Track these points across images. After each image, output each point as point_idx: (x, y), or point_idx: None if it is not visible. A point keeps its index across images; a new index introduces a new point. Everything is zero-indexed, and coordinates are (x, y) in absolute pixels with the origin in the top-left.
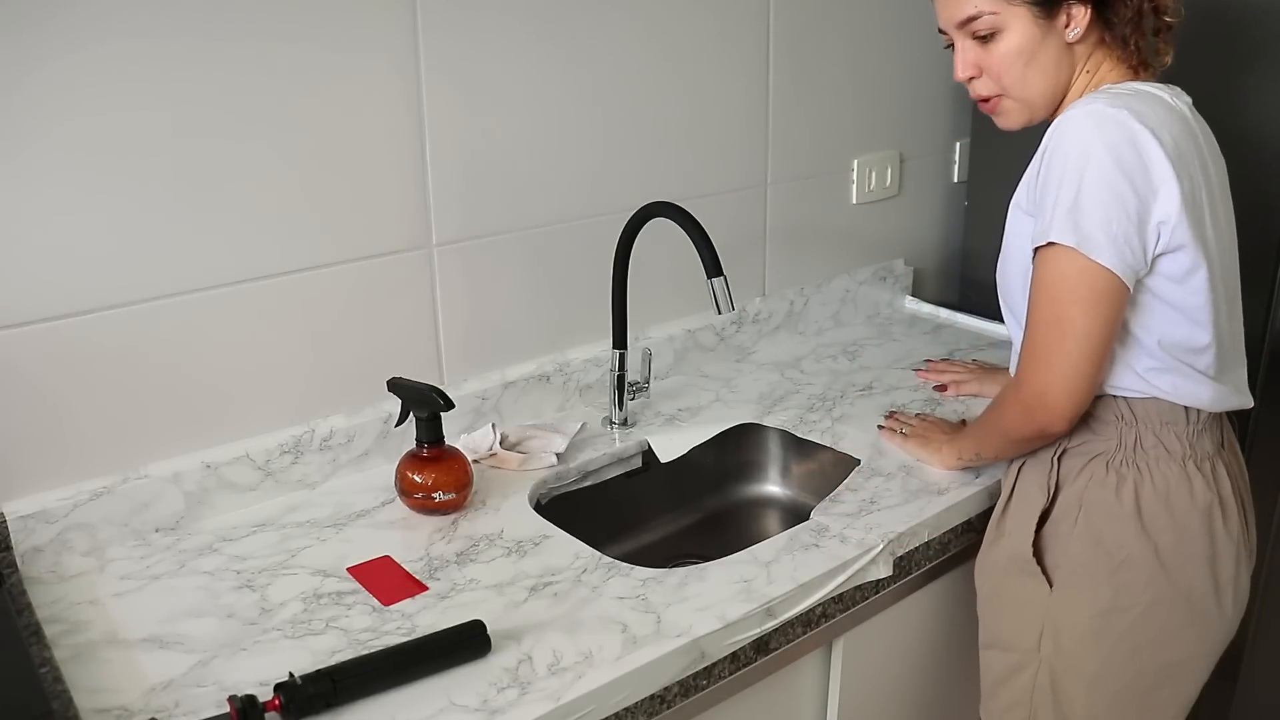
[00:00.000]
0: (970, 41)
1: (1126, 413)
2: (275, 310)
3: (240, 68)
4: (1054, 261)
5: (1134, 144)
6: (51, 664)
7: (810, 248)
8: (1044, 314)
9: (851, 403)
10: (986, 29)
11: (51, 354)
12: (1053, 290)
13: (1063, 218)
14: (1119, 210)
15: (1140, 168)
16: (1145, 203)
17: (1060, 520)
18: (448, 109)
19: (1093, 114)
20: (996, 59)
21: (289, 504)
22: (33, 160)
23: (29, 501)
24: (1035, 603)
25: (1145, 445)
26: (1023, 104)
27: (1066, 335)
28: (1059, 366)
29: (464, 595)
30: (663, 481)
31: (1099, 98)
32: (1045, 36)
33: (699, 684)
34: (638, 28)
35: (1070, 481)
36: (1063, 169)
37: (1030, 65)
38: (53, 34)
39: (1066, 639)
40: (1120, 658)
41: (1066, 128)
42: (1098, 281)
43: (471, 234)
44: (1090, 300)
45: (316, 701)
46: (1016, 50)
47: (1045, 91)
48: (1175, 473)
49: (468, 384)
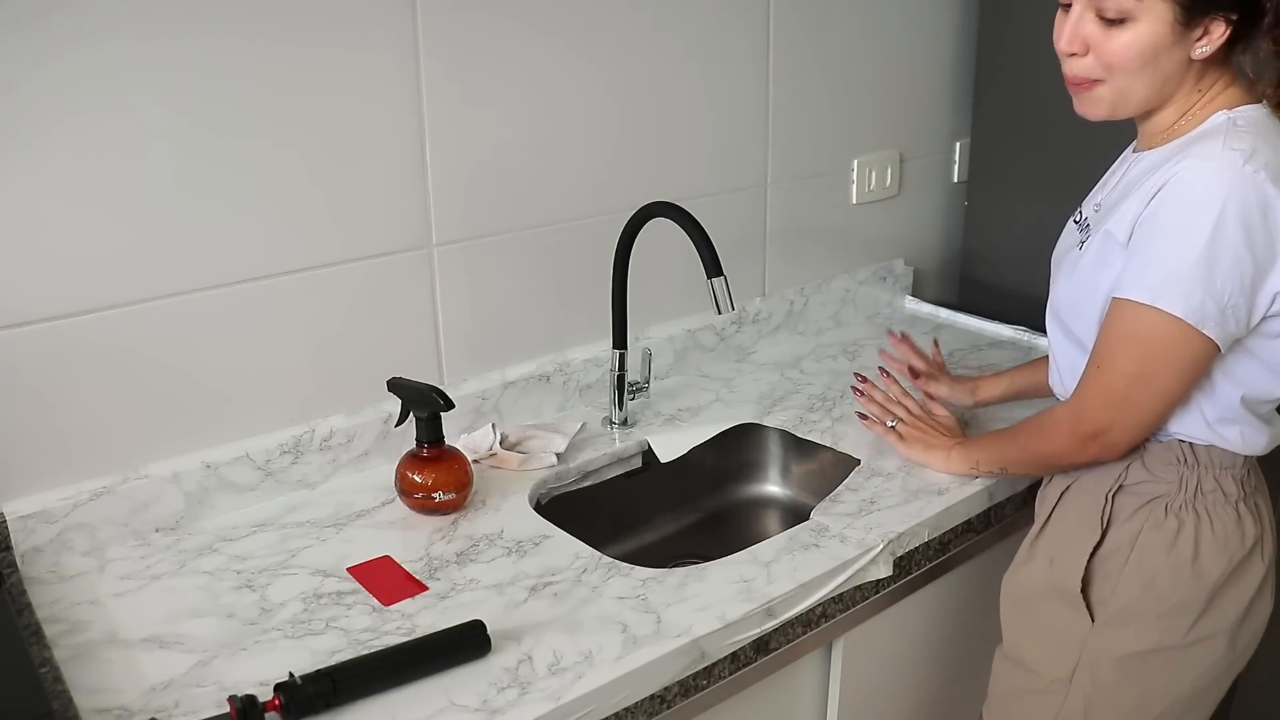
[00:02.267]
0: (1092, 15)
1: (1189, 456)
2: (275, 310)
3: (240, 67)
4: (1151, 322)
5: (1264, 208)
6: (51, 664)
7: (810, 248)
8: (1128, 366)
9: (851, 403)
10: (1117, 13)
11: (52, 354)
12: (1146, 348)
13: (1176, 283)
14: (1237, 283)
15: (1265, 235)
16: (1263, 271)
17: (1109, 558)
18: (448, 109)
19: (1224, 171)
20: (1115, 47)
21: (289, 504)
22: (33, 160)
23: (29, 501)
24: (1074, 634)
25: (1205, 489)
26: (1119, 99)
27: (1148, 391)
28: (1131, 414)
29: (464, 595)
30: (663, 481)
31: (1231, 145)
32: (1175, 44)
33: (699, 684)
34: (638, 28)
35: (1123, 520)
36: (1185, 226)
37: (1148, 67)
38: (52, 34)
39: (1105, 674)
40: (1157, 691)
41: (1195, 180)
42: (1196, 349)
43: (471, 234)
44: (1183, 365)
45: (316, 701)
46: (1140, 47)
47: (1148, 97)
48: (1230, 516)
49: (468, 384)
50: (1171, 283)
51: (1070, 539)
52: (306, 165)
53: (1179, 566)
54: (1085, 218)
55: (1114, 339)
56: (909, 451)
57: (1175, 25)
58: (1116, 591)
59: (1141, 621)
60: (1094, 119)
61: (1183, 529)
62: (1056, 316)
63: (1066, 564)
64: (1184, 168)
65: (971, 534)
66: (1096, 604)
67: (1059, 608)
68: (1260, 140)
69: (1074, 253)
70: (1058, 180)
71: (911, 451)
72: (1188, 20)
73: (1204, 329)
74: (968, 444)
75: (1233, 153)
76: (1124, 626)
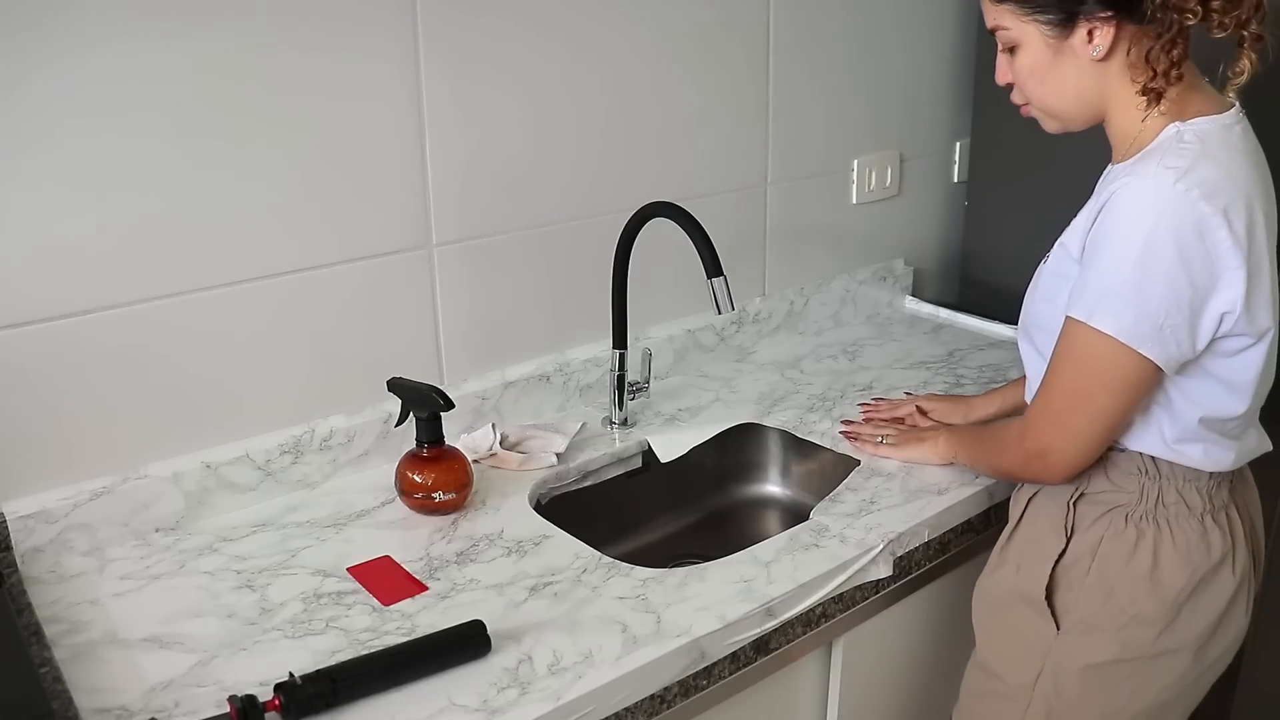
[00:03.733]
0: (1002, 51)
1: (1151, 468)
2: (275, 310)
3: (240, 68)
4: (1088, 340)
5: (1200, 231)
6: (51, 664)
7: (810, 248)
8: (1067, 383)
9: (851, 403)
10: (1007, 44)
11: (52, 354)
12: (1082, 365)
13: (1108, 301)
14: (1172, 303)
15: (1203, 258)
16: (1203, 295)
17: (1072, 566)
18: (448, 109)
19: (1160, 191)
20: (1016, 72)
21: (289, 504)
22: (34, 161)
23: (29, 501)
24: (1039, 641)
25: (1167, 501)
26: (1049, 116)
27: (1085, 410)
28: (1070, 435)
29: (464, 595)
30: (663, 481)
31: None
32: (1060, 55)
33: (699, 684)
34: (638, 28)
35: (1085, 529)
36: (1120, 246)
37: (1046, 84)
38: (54, 36)
39: (1068, 683)
40: (1120, 702)
41: (1129, 199)
42: (1133, 370)
43: (471, 234)
44: (1120, 385)
45: (316, 701)
46: (1030, 68)
47: (1068, 108)
48: (1194, 528)
49: (468, 384)
50: (1105, 301)
51: (1036, 545)
52: (307, 166)
53: (1138, 577)
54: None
55: (1058, 357)
56: (903, 454)
57: (1048, 41)
58: (1079, 601)
59: (1103, 632)
60: (1052, 133)
61: (1142, 539)
62: (1024, 331)
63: (1032, 571)
64: (1121, 186)
65: (971, 534)
66: (1061, 612)
67: (1026, 614)
68: (1201, 157)
69: (1040, 267)
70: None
71: (906, 453)
72: (1058, 33)
73: (1140, 349)
74: (953, 434)
75: (1166, 171)
76: (1086, 636)
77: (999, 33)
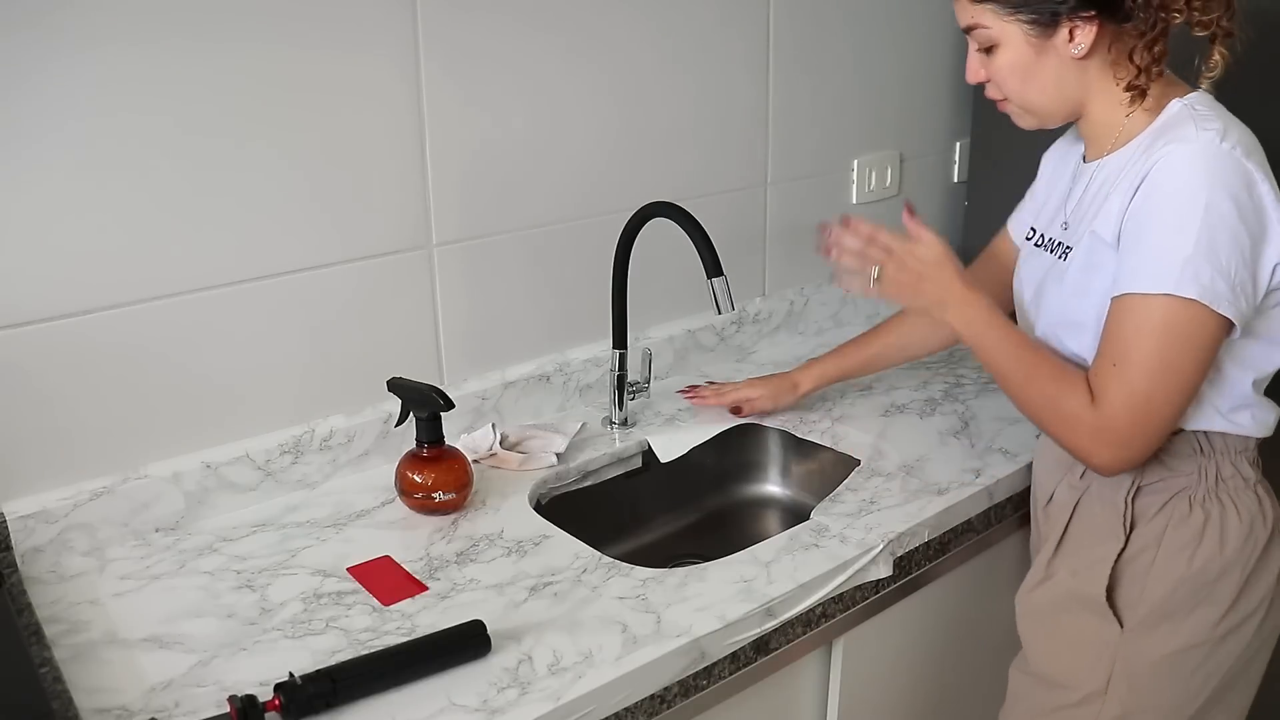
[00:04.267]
0: (976, 48)
1: (1205, 445)
2: (275, 310)
3: (240, 68)
4: (1168, 310)
5: (1248, 184)
6: (51, 664)
7: (810, 248)
8: (1148, 361)
9: (851, 403)
10: (986, 42)
11: (52, 354)
12: (1165, 338)
13: (1181, 267)
14: (1239, 259)
15: (1254, 210)
16: (1259, 248)
17: (1134, 560)
18: (448, 109)
19: (1205, 152)
20: (995, 70)
21: (289, 504)
22: (34, 160)
23: (29, 501)
24: (1103, 644)
25: (1224, 476)
26: (1028, 113)
27: (1172, 385)
28: (1157, 421)
29: (464, 595)
30: (663, 481)
31: (1203, 126)
32: (1041, 54)
33: (699, 684)
34: (638, 28)
35: (1147, 521)
36: (1178, 210)
37: (1027, 81)
38: (53, 36)
39: (1141, 679)
40: (1195, 686)
41: (1179, 164)
42: (1215, 333)
43: (471, 234)
44: (1203, 350)
45: (316, 701)
46: (1011, 66)
47: (1049, 105)
48: (1251, 500)
49: (468, 384)
50: (1178, 267)
51: (1092, 549)
52: (307, 166)
53: (1209, 558)
54: (1051, 238)
55: (1127, 336)
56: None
57: (1030, 40)
58: (1145, 594)
59: (1173, 620)
60: (1030, 128)
61: (1209, 520)
62: (1051, 333)
63: (1090, 574)
64: (1165, 153)
65: (971, 534)
66: (1124, 609)
67: (1085, 619)
68: (1226, 119)
69: (1054, 270)
70: None
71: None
72: (1042, 32)
73: (1219, 308)
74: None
75: (1208, 133)
76: (1155, 628)
77: (976, 31)
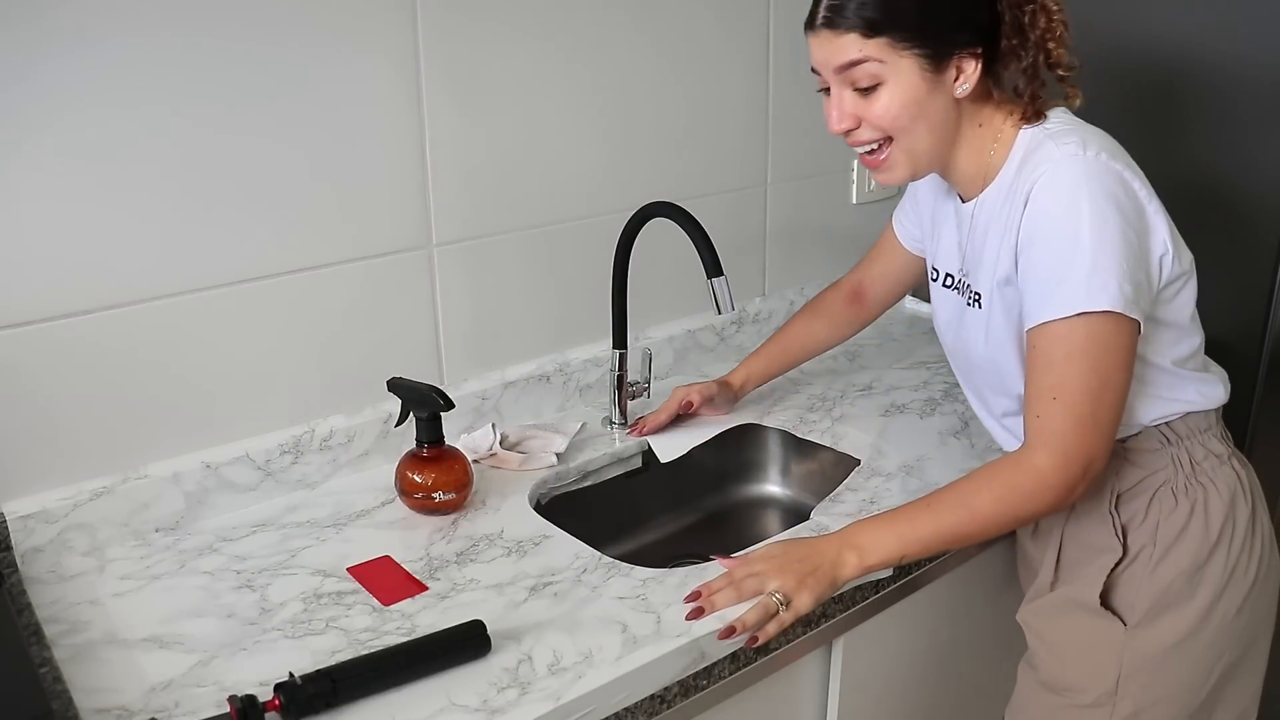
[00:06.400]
0: (849, 90)
1: (1170, 434)
2: (275, 310)
3: (240, 68)
4: (1089, 327)
5: (1122, 184)
6: (51, 664)
7: (810, 248)
8: (1091, 381)
9: (851, 403)
10: (868, 79)
11: (52, 354)
12: (1098, 353)
13: (1087, 283)
14: (1133, 259)
15: (1134, 208)
16: (1144, 241)
17: (1133, 563)
18: (448, 109)
19: (1073, 167)
20: (879, 111)
21: (289, 504)
22: (33, 159)
23: (29, 501)
24: (1109, 643)
25: (1197, 459)
26: (911, 157)
27: (1110, 399)
28: (1106, 432)
29: (464, 595)
30: (663, 481)
31: (1062, 143)
32: (934, 90)
33: (699, 684)
34: (638, 28)
35: (1138, 525)
36: (1066, 232)
37: (918, 119)
38: (52, 32)
39: (1150, 673)
40: (1205, 667)
41: (1052, 188)
42: (1131, 337)
43: (471, 234)
44: (1128, 357)
45: (316, 701)
46: (901, 103)
47: (932, 148)
48: (1229, 475)
49: (468, 384)
50: (1084, 283)
51: (1092, 563)
52: (307, 165)
53: (1199, 542)
54: (957, 280)
55: (1058, 364)
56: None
57: (925, 74)
58: (1144, 590)
59: (1175, 610)
60: (897, 184)
61: (1195, 506)
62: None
63: (1088, 582)
64: (1035, 179)
65: None
66: (1125, 609)
67: (1086, 620)
68: (1081, 130)
69: (971, 313)
70: None
71: (808, 593)
72: (935, 67)
73: (1131, 312)
74: (833, 547)
75: (1068, 146)
76: (1157, 620)
77: (861, 67)
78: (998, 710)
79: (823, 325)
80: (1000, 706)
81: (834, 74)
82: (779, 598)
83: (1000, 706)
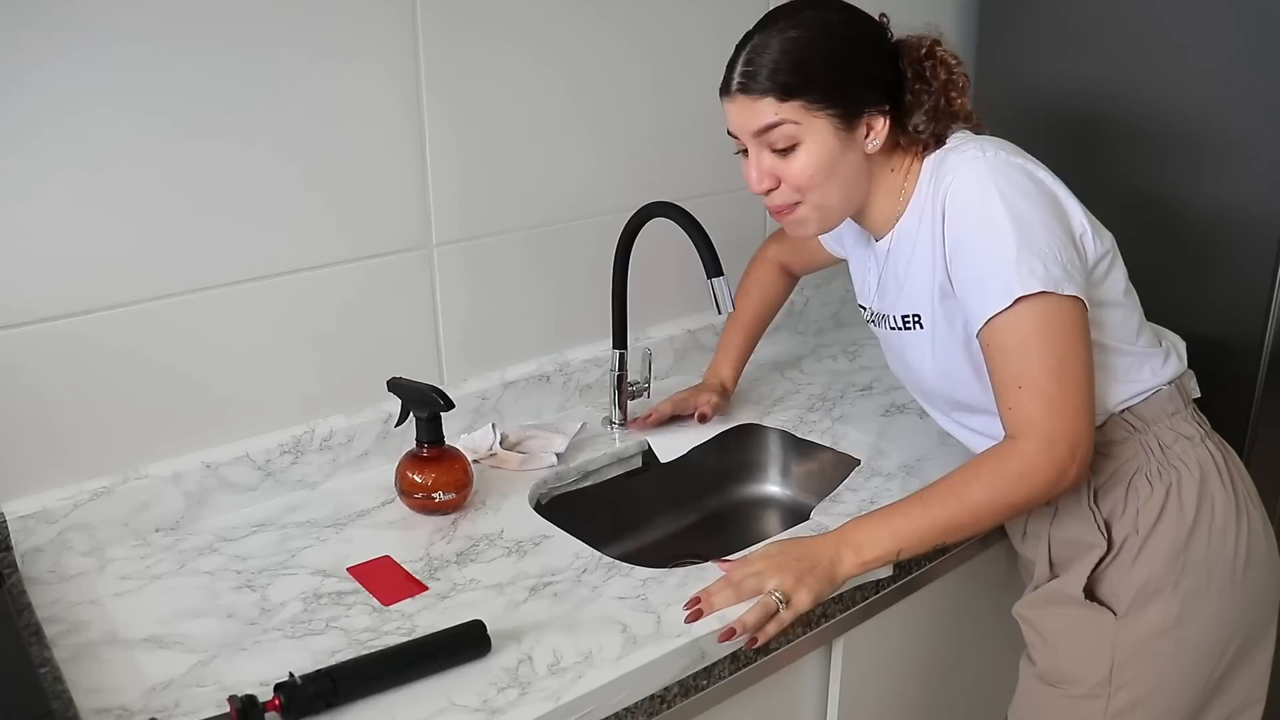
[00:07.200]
0: (767, 151)
1: (1135, 420)
2: (275, 310)
3: (240, 69)
4: (1030, 311)
5: (1026, 174)
6: (51, 664)
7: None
8: (1050, 361)
9: (851, 403)
10: (784, 141)
11: (52, 354)
12: (1048, 333)
13: (1015, 269)
14: (1056, 240)
15: (1045, 194)
16: (1064, 223)
17: (1118, 554)
18: (448, 109)
19: (977, 167)
20: (796, 170)
21: (289, 504)
22: (33, 160)
23: (29, 501)
24: (1101, 634)
25: (1166, 442)
26: (821, 213)
27: (1075, 374)
28: (1083, 408)
29: (464, 595)
30: (663, 481)
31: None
32: (846, 149)
33: (699, 684)
34: (637, 28)
35: (1119, 515)
36: (984, 227)
37: (831, 178)
38: (54, 34)
39: (1144, 660)
40: (1201, 655)
41: (962, 190)
42: (1075, 313)
43: (471, 234)
44: (1079, 326)
45: (316, 701)
46: (817, 163)
47: (847, 199)
48: (1204, 455)
49: (468, 384)
50: (1012, 271)
51: (1081, 560)
52: (307, 165)
53: (1178, 527)
54: (876, 313)
55: (1012, 353)
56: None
57: (838, 133)
58: (1127, 580)
59: (1160, 597)
60: (809, 237)
61: (1170, 490)
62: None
63: (1074, 577)
64: (946, 188)
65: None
66: (1112, 599)
67: (1077, 612)
68: (978, 140)
69: (910, 336)
70: None
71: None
72: (848, 125)
73: (1063, 290)
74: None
75: (968, 152)
76: (1145, 609)
77: (779, 130)
78: (998, 710)
79: (772, 299)
80: (1001, 706)
81: (752, 137)
82: (778, 596)
83: (1001, 706)
